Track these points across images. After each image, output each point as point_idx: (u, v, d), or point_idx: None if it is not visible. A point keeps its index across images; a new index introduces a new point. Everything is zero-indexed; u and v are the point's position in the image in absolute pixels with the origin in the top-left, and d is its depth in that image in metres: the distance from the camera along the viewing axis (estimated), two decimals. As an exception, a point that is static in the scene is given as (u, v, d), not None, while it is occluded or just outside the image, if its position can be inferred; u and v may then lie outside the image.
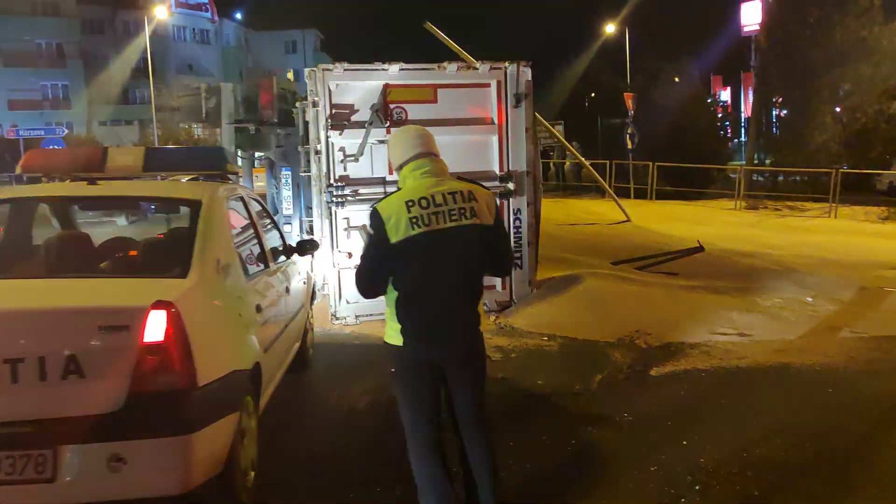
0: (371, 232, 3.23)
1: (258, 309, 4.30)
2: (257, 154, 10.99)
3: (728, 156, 29.35)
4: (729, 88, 48.98)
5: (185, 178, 4.93)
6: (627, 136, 21.72)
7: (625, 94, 21.96)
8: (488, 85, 8.53)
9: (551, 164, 28.25)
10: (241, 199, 4.90)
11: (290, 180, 9.03)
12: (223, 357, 3.62)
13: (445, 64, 8.41)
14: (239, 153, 9.83)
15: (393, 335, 3.28)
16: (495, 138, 8.55)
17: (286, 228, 9.22)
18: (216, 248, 3.92)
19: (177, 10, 66.02)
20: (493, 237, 3.34)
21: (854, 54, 21.84)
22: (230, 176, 5.03)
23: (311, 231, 8.52)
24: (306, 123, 8.35)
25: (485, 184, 8.09)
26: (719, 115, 30.59)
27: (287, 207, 9.22)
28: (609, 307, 8.04)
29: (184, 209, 4.11)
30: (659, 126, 24.66)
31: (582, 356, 6.88)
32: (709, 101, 32.34)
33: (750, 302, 8.64)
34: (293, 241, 7.89)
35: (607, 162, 22.38)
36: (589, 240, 11.53)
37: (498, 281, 8.65)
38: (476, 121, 8.53)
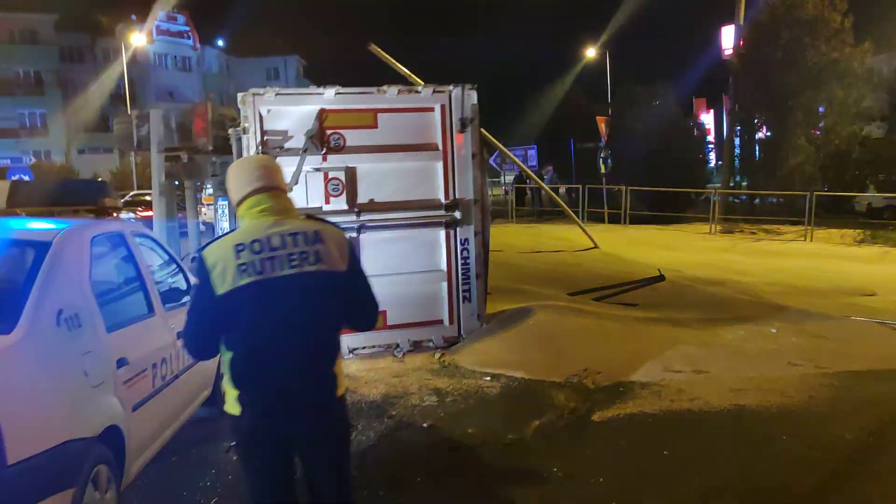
0: (196, 281, 2.73)
1: (122, 363, 3.78)
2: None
3: (707, 179, 29.05)
4: (712, 111, 48.95)
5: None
6: (601, 160, 21.36)
7: (597, 117, 21.61)
8: (432, 109, 8.11)
9: (527, 190, 27.90)
10: (120, 236, 4.39)
11: (226, 210, 8.52)
12: (52, 425, 3.09)
13: (385, 87, 7.98)
14: (178, 182, 9.37)
15: (231, 403, 2.76)
16: (440, 165, 8.11)
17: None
18: (59, 297, 3.41)
19: (158, 37, 65.74)
20: (347, 285, 2.85)
21: (826, 76, 21.63)
22: (113, 211, 4.53)
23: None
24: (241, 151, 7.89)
25: (430, 213, 7.89)
26: (697, 137, 30.26)
27: (224, 239, 8.69)
28: (559, 343, 7.55)
29: (29, 251, 3.59)
30: (637, 149, 24.35)
31: (523, 399, 6.38)
32: (691, 124, 32.13)
33: (710, 334, 8.18)
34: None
35: (580, 186, 22.00)
36: (550, 269, 11.05)
37: (445, 314, 8.20)
38: (419, 147, 8.09)
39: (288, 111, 7.73)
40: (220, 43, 73.10)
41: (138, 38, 51.98)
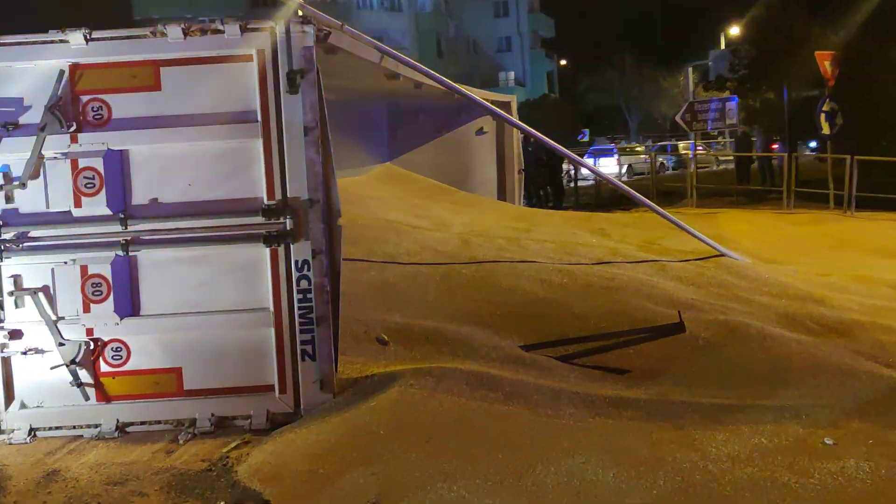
0: None
1: None
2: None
3: None
4: None
5: None
6: (822, 114, 17.57)
7: (817, 53, 17.73)
8: (246, 58, 6.51)
9: (754, 159, 24.36)
10: None
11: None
12: None
13: (165, 27, 6.38)
14: None
15: None
16: (259, 144, 6.51)
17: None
18: None
19: (361, -25, 67.99)
20: None
21: None
22: None
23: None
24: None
25: (245, 220, 6.25)
26: None
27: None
28: (372, 451, 5.59)
29: None
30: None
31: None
32: None
33: (697, 443, 5.69)
34: None
35: (784, 155, 18.37)
36: (556, 297, 8.54)
37: (275, 378, 6.54)
38: (226, 117, 6.53)
39: (22, 70, 6.49)
40: (436, -23, 73.95)
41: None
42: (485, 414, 6.00)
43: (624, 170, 37.29)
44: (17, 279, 6.44)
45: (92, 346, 6.47)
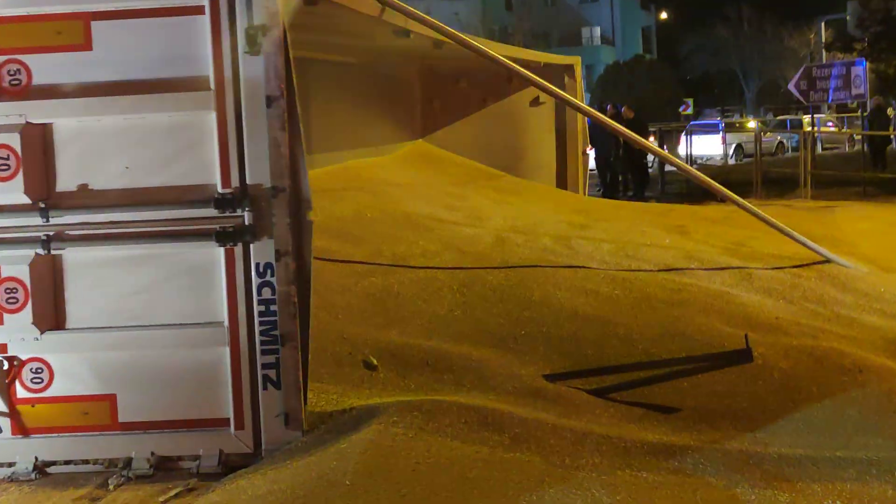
0: None
1: None
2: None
3: None
4: None
5: None
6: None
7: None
8: (198, 10, 6.45)
9: (891, 139, 23.85)
10: None
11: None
12: None
13: (98, -30, 6.40)
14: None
15: None
16: (212, 118, 6.46)
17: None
18: None
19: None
20: None
21: None
22: None
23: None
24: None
25: (194, 212, 6.25)
26: None
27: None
28: None
29: None
30: None
31: None
32: None
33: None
34: None
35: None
36: (620, 311, 8.44)
37: (230, 409, 6.59)
38: (172, 84, 6.49)
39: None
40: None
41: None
42: (483, 461, 5.87)
43: (731, 150, 36.86)
44: None
45: (6, 366, 6.49)
